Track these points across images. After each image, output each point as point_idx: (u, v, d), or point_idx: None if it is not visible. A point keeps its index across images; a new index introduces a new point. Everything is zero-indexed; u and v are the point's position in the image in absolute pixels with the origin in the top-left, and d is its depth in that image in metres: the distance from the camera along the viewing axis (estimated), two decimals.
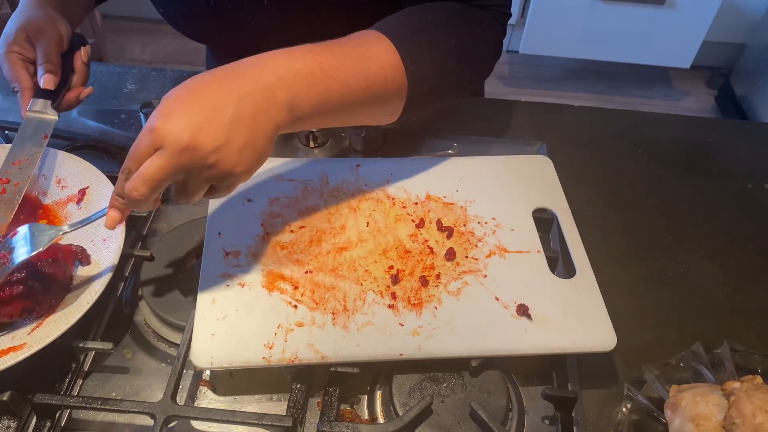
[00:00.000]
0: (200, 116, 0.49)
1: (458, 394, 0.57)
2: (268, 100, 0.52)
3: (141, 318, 0.65)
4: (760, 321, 0.69)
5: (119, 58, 2.73)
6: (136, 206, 0.52)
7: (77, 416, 0.57)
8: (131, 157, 0.51)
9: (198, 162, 0.50)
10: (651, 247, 0.76)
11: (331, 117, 0.59)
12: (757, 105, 2.43)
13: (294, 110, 0.54)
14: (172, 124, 0.49)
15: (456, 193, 0.73)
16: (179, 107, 0.50)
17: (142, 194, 0.50)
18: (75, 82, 0.77)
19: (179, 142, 0.49)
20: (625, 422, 0.58)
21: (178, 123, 0.49)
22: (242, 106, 0.50)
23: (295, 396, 0.57)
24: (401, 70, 0.61)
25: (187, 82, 0.52)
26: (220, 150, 0.50)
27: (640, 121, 0.95)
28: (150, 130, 0.50)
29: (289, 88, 0.53)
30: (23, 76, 0.73)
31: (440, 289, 0.62)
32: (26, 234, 0.59)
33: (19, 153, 0.71)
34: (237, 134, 0.50)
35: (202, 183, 0.53)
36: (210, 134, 0.49)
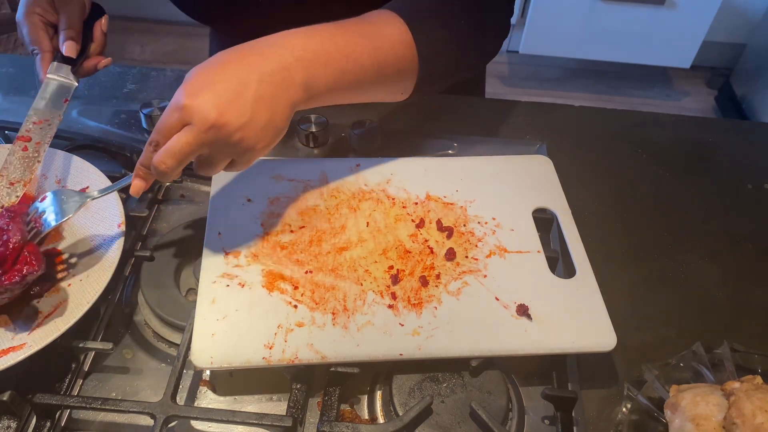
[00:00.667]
0: (225, 94, 0.51)
1: (458, 394, 0.57)
2: (287, 80, 0.54)
3: (141, 318, 0.65)
4: (760, 321, 0.69)
5: (119, 58, 2.73)
6: (161, 178, 0.55)
7: (77, 416, 0.57)
8: (159, 131, 0.53)
9: (223, 139, 0.52)
10: (651, 247, 0.76)
11: (344, 94, 0.61)
12: (757, 105, 2.43)
13: (310, 89, 0.56)
14: (199, 101, 0.51)
15: (456, 193, 0.73)
16: (205, 85, 0.52)
17: (169, 167, 0.53)
18: (93, 51, 0.77)
19: (207, 120, 0.51)
20: (625, 422, 0.58)
21: (205, 101, 0.51)
22: (263, 86, 0.53)
23: (295, 396, 0.57)
24: (413, 49, 0.62)
25: (210, 60, 0.54)
26: (244, 128, 0.52)
27: (640, 121, 0.95)
28: (178, 107, 0.52)
29: (306, 69, 0.55)
30: (44, 39, 0.73)
31: (440, 289, 0.62)
32: (54, 200, 0.59)
33: (40, 114, 0.70)
34: (259, 113, 0.53)
35: (225, 157, 0.55)
36: (235, 113, 0.51)
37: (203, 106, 0.51)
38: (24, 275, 0.56)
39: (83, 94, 0.93)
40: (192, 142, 0.52)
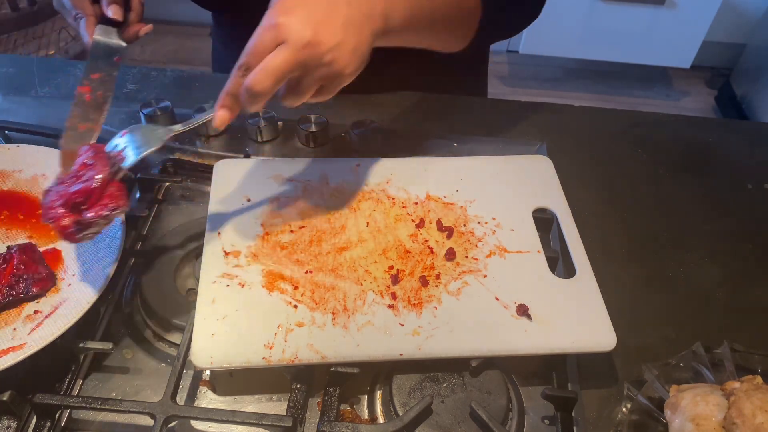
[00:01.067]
0: (319, 14, 0.51)
1: (458, 394, 0.57)
2: (370, 8, 0.55)
3: (141, 318, 0.65)
4: (760, 321, 0.69)
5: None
6: (253, 102, 0.53)
7: (77, 416, 0.57)
8: (251, 53, 0.52)
9: (317, 59, 0.52)
10: (651, 247, 0.76)
11: (416, 33, 0.63)
12: (757, 105, 2.43)
13: (388, 21, 0.57)
14: (294, 19, 0.51)
15: (456, 193, 0.73)
16: (298, 4, 0.52)
17: (265, 87, 0.51)
18: (132, 20, 0.77)
19: (302, 37, 0.50)
20: (625, 422, 0.58)
21: (300, 18, 0.51)
22: (351, 9, 0.53)
23: (295, 396, 0.57)
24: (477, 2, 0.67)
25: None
26: (336, 49, 0.52)
27: (640, 121, 0.95)
28: (272, 26, 0.51)
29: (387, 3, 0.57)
30: (86, 3, 0.72)
31: (440, 289, 0.62)
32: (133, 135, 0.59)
33: (96, 69, 0.70)
34: (349, 36, 0.53)
35: (315, 82, 0.54)
36: (328, 33, 0.51)
37: (299, 24, 0.50)
38: (112, 209, 0.55)
39: None
40: (289, 60, 0.51)
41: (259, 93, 0.52)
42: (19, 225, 0.68)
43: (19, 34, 1.96)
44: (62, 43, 1.95)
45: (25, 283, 0.60)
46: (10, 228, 0.68)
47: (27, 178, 0.72)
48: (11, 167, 0.73)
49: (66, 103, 0.88)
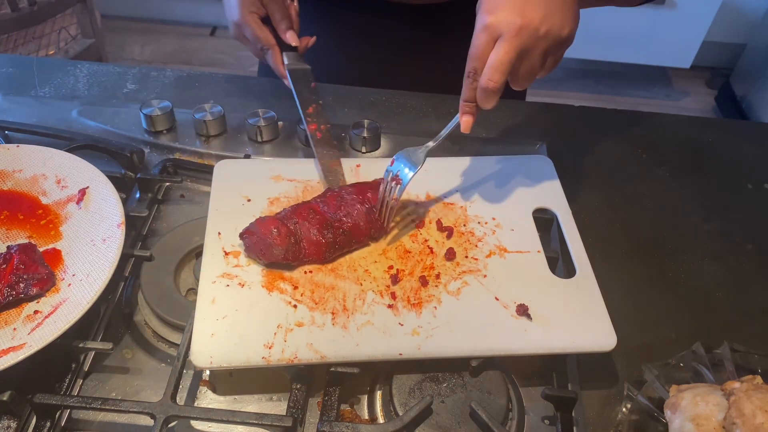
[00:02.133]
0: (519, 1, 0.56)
1: (458, 394, 0.57)
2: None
3: (141, 318, 0.65)
4: (760, 321, 0.69)
5: (119, 58, 2.74)
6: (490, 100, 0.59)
7: (77, 416, 0.57)
8: (474, 58, 0.58)
9: (533, 36, 0.56)
10: (651, 247, 0.76)
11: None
12: (757, 105, 2.43)
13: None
14: (501, 13, 0.56)
15: (456, 193, 0.73)
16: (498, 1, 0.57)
17: (498, 83, 0.57)
18: None
19: (513, 24, 0.55)
20: (625, 422, 0.58)
21: (505, 10, 0.56)
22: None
23: (295, 396, 0.57)
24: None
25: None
26: (546, 20, 0.56)
27: (640, 121, 0.95)
28: (484, 27, 0.57)
29: None
30: (269, 34, 0.77)
31: (440, 289, 0.62)
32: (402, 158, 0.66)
33: (306, 102, 0.78)
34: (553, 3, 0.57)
35: (540, 57, 0.58)
36: (534, 9, 0.56)
37: (506, 15, 0.56)
38: None
39: (83, 94, 0.93)
40: (510, 49, 0.56)
41: (494, 89, 0.58)
42: (19, 225, 0.68)
43: (19, 34, 1.96)
44: (62, 43, 1.95)
45: (25, 283, 0.60)
46: (10, 228, 0.68)
47: (27, 178, 0.72)
48: (11, 167, 0.73)
49: (66, 103, 0.89)
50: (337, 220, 0.64)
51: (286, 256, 0.61)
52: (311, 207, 0.65)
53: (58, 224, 0.68)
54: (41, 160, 0.73)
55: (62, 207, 0.70)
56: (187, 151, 0.82)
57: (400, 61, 0.96)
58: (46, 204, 0.70)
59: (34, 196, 0.71)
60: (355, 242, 0.64)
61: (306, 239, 0.62)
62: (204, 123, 0.83)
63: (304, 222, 0.63)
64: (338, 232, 0.63)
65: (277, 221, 0.63)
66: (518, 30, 0.56)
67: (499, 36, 0.56)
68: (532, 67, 0.59)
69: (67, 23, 2.00)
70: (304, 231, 0.63)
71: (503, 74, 0.57)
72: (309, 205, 0.65)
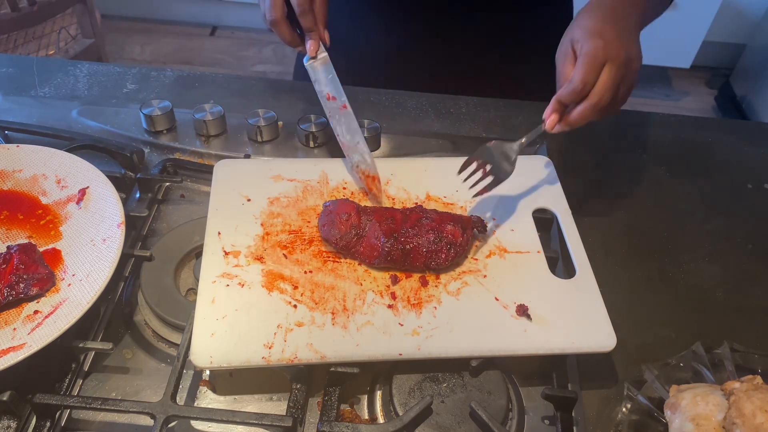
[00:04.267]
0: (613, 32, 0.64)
1: (458, 394, 0.57)
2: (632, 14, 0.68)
3: (141, 318, 0.65)
4: (760, 321, 0.69)
5: (119, 58, 2.74)
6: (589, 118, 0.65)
7: (77, 416, 0.57)
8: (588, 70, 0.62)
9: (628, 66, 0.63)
10: (651, 247, 0.76)
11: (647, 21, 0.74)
12: (757, 105, 2.43)
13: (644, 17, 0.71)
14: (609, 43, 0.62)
15: (456, 193, 0.73)
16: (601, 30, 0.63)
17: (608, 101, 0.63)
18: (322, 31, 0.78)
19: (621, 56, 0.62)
20: (625, 422, 0.58)
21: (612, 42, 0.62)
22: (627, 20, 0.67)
23: (295, 396, 0.57)
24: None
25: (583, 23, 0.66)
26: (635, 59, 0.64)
27: (640, 121, 0.95)
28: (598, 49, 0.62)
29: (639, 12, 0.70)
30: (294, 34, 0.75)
31: (440, 289, 0.62)
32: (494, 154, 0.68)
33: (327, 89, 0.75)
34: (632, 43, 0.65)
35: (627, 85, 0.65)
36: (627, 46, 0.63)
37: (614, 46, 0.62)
38: None
39: (83, 94, 0.93)
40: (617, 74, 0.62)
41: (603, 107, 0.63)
42: (19, 225, 0.68)
43: (19, 34, 1.96)
44: (62, 43, 1.95)
45: (25, 283, 0.60)
46: (10, 228, 0.68)
47: (27, 178, 0.72)
48: (11, 167, 0.73)
49: (66, 103, 0.89)
50: (403, 236, 0.63)
51: (339, 241, 0.63)
52: (392, 214, 0.65)
53: (58, 224, 0.68)
54: (41, 160, 0.73)
55: (62, 207, 0.70)
56: (187, 151, 0.82)
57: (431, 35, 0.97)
58: (46, 204, 0.70)
59: (34, 196, 0.71)
60: (409, 264, 0.63)
61: (366, 238, 0.63)
62: (204, 123, 0.83)
63: (376, 222, 0.63)
64: (397, 246, 0.62)
65: (354, 208, 0.64)
66: (624, 62, 0.62)
67: (610, 59, 0.62)
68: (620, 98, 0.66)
69: (67, 23, 2.00)
70: (369, 231, 0.63)
71: (613, 94, 0.63)
72: (392, 212, 0.65)
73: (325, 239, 0.64)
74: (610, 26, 0.65)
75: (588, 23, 0.66)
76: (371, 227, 0.63)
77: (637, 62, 0.66)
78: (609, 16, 0.67)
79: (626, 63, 0.63)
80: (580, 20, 0.67)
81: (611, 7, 0.68)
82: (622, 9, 0.68)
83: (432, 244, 0.62)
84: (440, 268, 0.63)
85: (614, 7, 0.68)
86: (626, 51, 0.63)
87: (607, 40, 0.63)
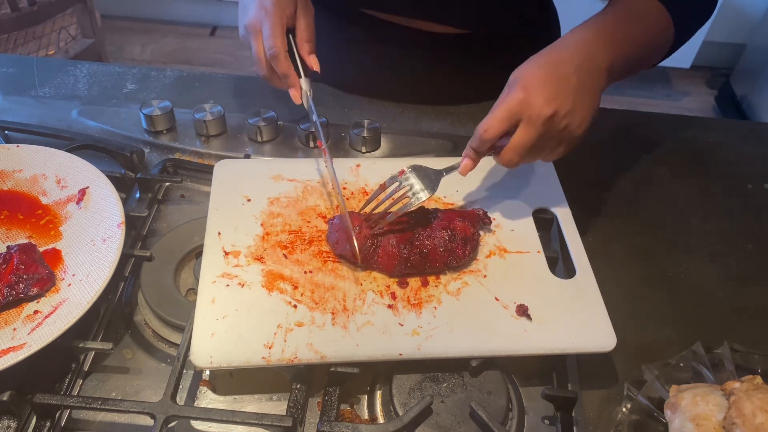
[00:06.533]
0: (552, 89, 0.58)
1: (458, 394, 0.57)
2: (596, 69, 0.61)
3: (141, 318, 0.65)
4: (760, 321, 0.69)
5: (119, 58, 2.74)
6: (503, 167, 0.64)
7: (77, 416, 0.57)
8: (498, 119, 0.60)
9: (554, 127, 0.59)
10: (651, 247, 0.76)
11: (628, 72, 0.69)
12: (757, 105, 2.43)
13: (611, 72, 0.63)
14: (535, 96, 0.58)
15: (456, 193, 0.73)
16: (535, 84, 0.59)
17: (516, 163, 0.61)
18: None
19: (542, 114, 0.58)
20: (625, 422, 0.58)
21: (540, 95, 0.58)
22: (580, 75, 0.60)
23: (295, 396, 0.57)
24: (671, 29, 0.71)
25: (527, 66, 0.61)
26: (569, 115, 0.59)
27: (640, 121, 0.95)
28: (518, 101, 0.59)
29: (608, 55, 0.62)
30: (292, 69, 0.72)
31: (440, 289, 0.62)
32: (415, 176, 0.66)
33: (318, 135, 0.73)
34: (579, 101, 0.60)
35: (553, 145, 0.62)
36: (563, 103, 0.58)
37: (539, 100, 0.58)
38: None
39: (83, 94, 0.93)
40: (534, 135, 0.59)
41: (510, 167, 0.62)
42: (19, 225, 0.68)
43: (19, 34, 1.96)
44: (62, 43, 1.95)
45: (25, 283, 0.60)
46: (10, 228, 0.68)
47: (27, 178, 0.72)
48: (11, 167, 0.73)
49: (66, 103, 0.89)
50: (418, 239, 0.63)
51: (356, 255, 0.61)
52: (401, 219, 0.64)
53: (58, 224, 0.68)
54: (41, 160, 0.73)
55: (62, 207, 0.70)
56: (187, 151, 0.82)
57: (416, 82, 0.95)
58: (46, 204, 0.70)
59: (34, 196, 0.71)
60: (429, 267, 0.63)
61: (383, 248, 0.62)
62: (204, 123, 0.83)
63: (387, 231, 0.63)
64: (415, 251, 0.62)
65: (362, 219, 0.64)
66: (545, 120, 0.58)
67: (526, 116, 0.59)
68: (541, 153, 0.63)
69: (67, 23, 2.00)
70: (383, 241, 0.62)
71: (522, 157, 0.61)
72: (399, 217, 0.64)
73: (340, 256, 0.63)
74: (550, 75, 0.59)
75: (529, 66, 0.61)
76: (384, 237, 0.63)
77: (579, 117, 0.60)
78: (559, 60, 0.60)
79: (550, 121, 0.58)
80: (530, 59, 0.62)
81: (572, 49, 0.62)
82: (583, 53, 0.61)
83: (448, 243, 0.62)
84: (459, 264, 0.63)
85: (574, 49, 0.62)
86: (556, 107, 0.58)
87: (533, 93, 0.58)
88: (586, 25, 0.65)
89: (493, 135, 0.60)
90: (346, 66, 0.92)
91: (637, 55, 0.68)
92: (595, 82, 0.61)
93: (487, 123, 0.60)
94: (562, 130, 0.60)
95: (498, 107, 0.60)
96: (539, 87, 0.58)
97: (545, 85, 0.58)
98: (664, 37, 0.72)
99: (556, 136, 0.60)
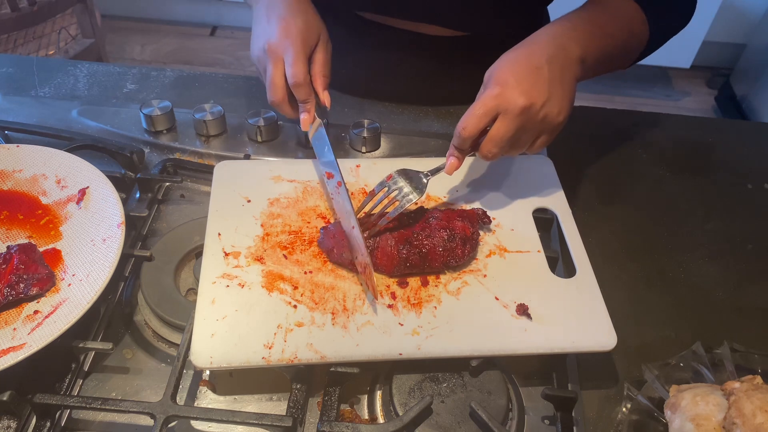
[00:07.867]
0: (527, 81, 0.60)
1: (458, 394, 0.57)
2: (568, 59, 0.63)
3: (141, 318, 0.65)
4: (760, 321, 0.69)
5: (119, 58, 2.73)
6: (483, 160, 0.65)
7: (77, 416, 0.57)
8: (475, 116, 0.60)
9: (533, 118, 0.60)
10: (651, 247, 0.76)
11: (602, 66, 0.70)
12: (757, 105, 2.43)
13: (584, 64, 0.65)
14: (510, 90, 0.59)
15: (456, 193, 0.73)
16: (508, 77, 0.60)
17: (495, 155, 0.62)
18: None
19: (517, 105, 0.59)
20: (625, 422, 0.58)
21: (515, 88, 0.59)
22: (553, 66, 0.61)
23: (295, 396, 0.57)
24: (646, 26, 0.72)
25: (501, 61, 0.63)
26: (546, 105, 0.60)
27: (640, 121, 0.95)
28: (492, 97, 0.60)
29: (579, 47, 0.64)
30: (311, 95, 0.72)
31: (440, 288, 0.62)
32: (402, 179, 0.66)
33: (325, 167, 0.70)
34: (555, 90, 0.61)
35: (532, 136, 0.63)
36: (538, 94, 0.60)
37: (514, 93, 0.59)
38: None
39: (83, 94, 0.93)
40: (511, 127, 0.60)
41: (490, 160, 0.63)
42: (19, 225, 0.68)
43: (19, 34, 1.96)
44: (62, 43, 1.95)
45: (25, 283, 0.60)
46: (10, 228, 0.68)
47: (27, 178, 0.72)
48: (11, 167, 0.73)
49: (66, 103, 0.89)
50: (416, 239, 0.63)
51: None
52: (398, 219, 0.64)
53: (58, 224, 0.68)
54: (41, 160, 0.73)
55: (62, 207, 0.70)
56: (187, 151, 0.82)
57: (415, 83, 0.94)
58: (46, 204, 0.70)
59: (34, 196, 0.71)
60: (428, 266, 0.63)
61: (381, 249, 0.62)
62: (204, 123, 0.83)
63: (384, 231, 0.63)
64: (414, 251, 0.62)
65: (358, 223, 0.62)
66: (520, 111, 0.59)
67: (503, 110, 0.60)
68: (523, 144, 0.63)
69: (67, 23, 2.00)
70: (382, 241, 0.62)
71: (501, 149, 0.62)
72: (397, 217, 0.65)
73: (337, 263, 0.63)
74: (523, 68, 0.60)
75: (502, 62, 0.62)
76: (382, 237, 0.63)
77: (557, 106, 0.61)
78: (531, 53, 0.62)
79: (527, 111, 0.59)
80: (503, 55, 0.63)
81: (543, 42, 0.63)
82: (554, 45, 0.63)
83: (447, 242, 0.62)
84: (459, 264, 0.63)
85: (546, 42, 0.63)
86: (531, 98, 0.59)
87: (507, 87, 0.59)
88: (558, 20, 0.67)
89: (471, 132, 0.61)
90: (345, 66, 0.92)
91: (610, 50, 0.69)
92: (568, 72, 0.63)
93: (466, 120, 0.61)
94: (542, 121, 0.61)
95: (475, 104, 0.61)
96: (513, 80, 0.60)
97: (518, 78, 0.60)
98: (637, 39, 0.73)
99: (536, 127, 0.62)
